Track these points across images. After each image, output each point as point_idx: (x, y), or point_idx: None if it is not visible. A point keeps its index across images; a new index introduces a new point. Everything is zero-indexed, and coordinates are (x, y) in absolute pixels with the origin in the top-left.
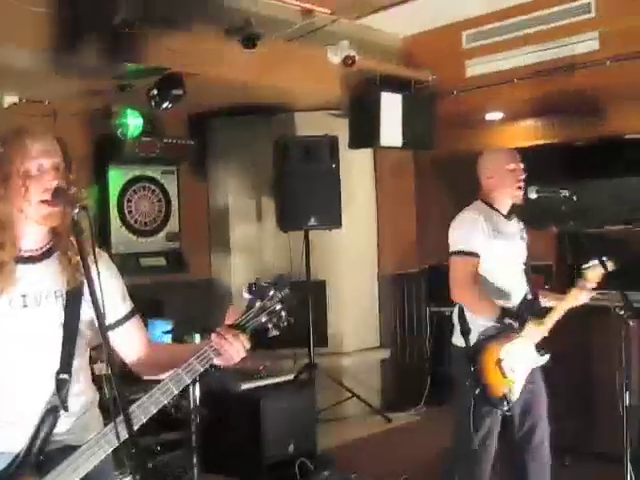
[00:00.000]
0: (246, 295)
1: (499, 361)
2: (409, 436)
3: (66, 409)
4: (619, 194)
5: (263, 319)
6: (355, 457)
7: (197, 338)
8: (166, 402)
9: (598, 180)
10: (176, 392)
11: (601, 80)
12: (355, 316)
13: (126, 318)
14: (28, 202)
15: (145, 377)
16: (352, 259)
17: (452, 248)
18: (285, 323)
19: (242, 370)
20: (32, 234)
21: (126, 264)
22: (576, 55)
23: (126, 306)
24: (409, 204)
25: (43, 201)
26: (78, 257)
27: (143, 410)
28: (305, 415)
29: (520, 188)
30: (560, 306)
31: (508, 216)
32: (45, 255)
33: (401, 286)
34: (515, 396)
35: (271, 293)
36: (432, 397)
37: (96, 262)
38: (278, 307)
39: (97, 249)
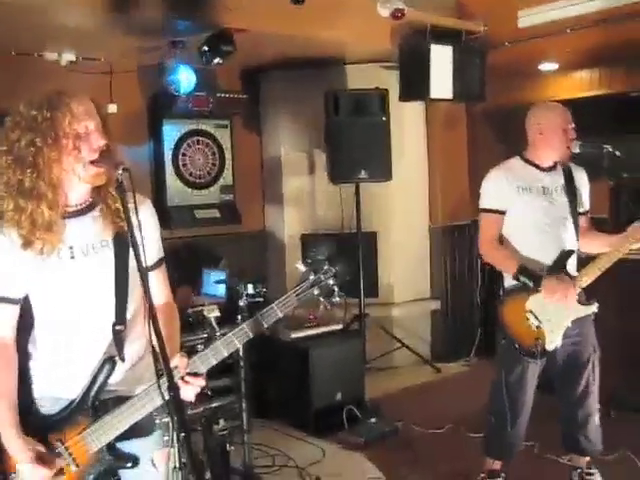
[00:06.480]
0: (301, 267)
1: (528, 312)
2: (458, 386)
3: (122, 360)
4: None
5: (315, 292)
6: (403, 406)
7: (250, 288)
8: (227, 354)
9: None
10: (239, 346)
11: None
12: (406, 267)
13: (153, 267)
14: (80, 163)
15: None
16: (403, 211)
17: (479, 206)
18: (337, 299)
19: (293, 319)
20: (77, 191)
21: (181, 216)
22: (630, 4)
23: (154, 255)
24: (461, 156)
25: (92, 161)
26: (119, 205)
27: (203, 361)
28: (353, 364)
29: (569, 148)
30: (602, 261)
31: (550, 170)
32: (89, 208)
33: (452, 237)
34: (551, 346)
35: (325, 267)
36: (482, 348)
37: (138, 220)
38: (331, 282)
39: (143, 198)
